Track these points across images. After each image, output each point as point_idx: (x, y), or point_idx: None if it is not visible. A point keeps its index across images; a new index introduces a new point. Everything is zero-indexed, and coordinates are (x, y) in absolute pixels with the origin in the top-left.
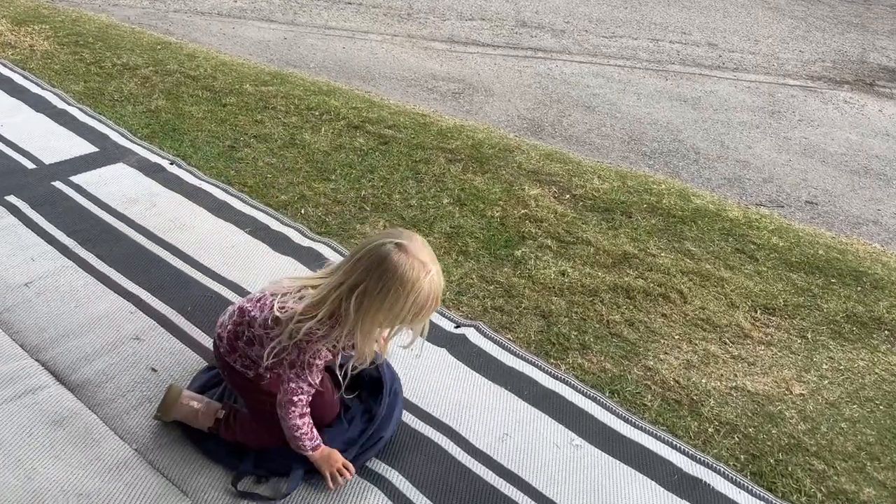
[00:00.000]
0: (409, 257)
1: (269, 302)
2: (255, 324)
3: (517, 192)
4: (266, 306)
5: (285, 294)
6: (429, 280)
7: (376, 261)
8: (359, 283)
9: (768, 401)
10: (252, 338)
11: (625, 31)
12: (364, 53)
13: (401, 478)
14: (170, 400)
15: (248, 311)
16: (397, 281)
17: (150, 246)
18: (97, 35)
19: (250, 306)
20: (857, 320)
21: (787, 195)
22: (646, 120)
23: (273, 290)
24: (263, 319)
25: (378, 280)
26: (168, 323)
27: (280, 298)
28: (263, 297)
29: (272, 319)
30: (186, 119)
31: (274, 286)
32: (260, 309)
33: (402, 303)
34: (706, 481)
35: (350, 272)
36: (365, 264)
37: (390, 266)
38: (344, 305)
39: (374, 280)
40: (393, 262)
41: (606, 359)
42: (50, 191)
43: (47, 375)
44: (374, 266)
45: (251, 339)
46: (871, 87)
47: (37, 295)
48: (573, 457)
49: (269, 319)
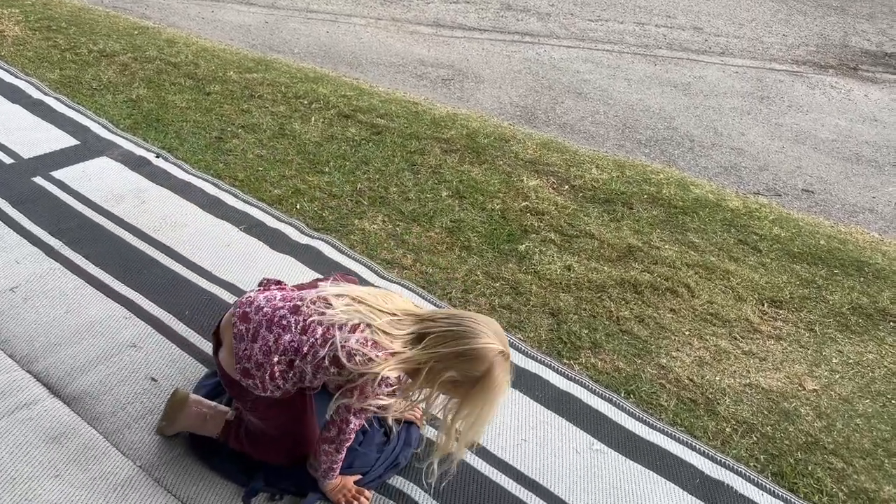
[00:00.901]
0: (504, 370)
1: (321, 336)
2: (306, 360)
3: (516, 183)
4: (318, 342)
5: (342, 326)
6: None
7: (480, 365)
8: (450, 368)
9: (782, 397)
10: (294, 373)
11: (610, 15)
12: (349, 38)
13: (420, 492)
14: (176, 405)
15: (295, 349)
16: (490, 391)
17: (141, 245)
18: (70, 19)
19: (294, 340)
20: (862, 312)
21: (784, 183)
22: (638, 107)
23: (321, 317)
24: (315, 357)
25: (474, 383)
26: (165, 328)
27: (341, 335)
28: (310, 331)
29: (331, 359)
30: (170, 109)
31: (320, 304)
32: (310, 346)
33: (480, 403)
34: (728, 483)
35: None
36: (465, 357)
37: (492, 379)
38: (427, 377)
39: (470, 382)
40: (494, 375)
41: (619, 357)
42: (31, 188)
43: (40, 388)
44: (474, 366)
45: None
46: (854, 71)
47: (24, 300)
48: (594, 462)
49: (320, 351)
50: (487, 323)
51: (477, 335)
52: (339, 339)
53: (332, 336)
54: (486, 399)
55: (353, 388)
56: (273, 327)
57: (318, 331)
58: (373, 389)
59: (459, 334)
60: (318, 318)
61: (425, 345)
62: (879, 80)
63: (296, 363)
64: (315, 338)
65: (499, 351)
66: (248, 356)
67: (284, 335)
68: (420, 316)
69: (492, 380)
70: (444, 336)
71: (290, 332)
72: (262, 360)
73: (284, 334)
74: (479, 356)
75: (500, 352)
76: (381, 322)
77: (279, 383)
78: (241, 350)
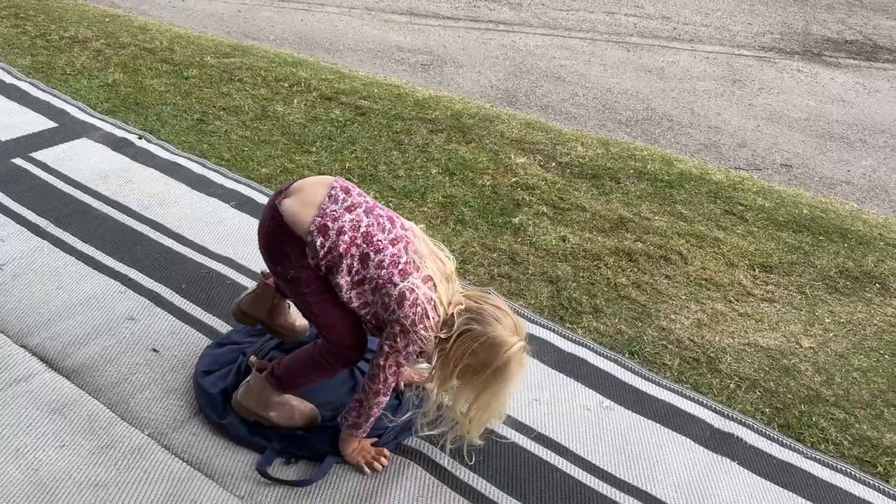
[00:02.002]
0: (521, 363)
1: (403, 264)
2: (379, 272)
3: (504, 160)
4: (399, 265)
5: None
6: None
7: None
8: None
9: (781, 355)
10: (356, 273)
11: (580, 5)
12: (324, 25)
13: (436, 450)
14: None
15: (378, 249)
16: (504, 381)
17: (131, 223)
18: (38, 7)
19: (382, 242)
20: (849, 275)
21: (763, 159)
22: (616, 89)
23: (410, 245)
24: (388, 275)
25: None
26: (163, 301)
27: (414, 278)
28: (398, 246)
29: (398, 293)
30: (148, 93)
31: (411, 234)
32: (392, 261)
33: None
34: (738, 435)
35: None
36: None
37: (509, 371)
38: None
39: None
40: (511, 368)
41: (620, 321)
42: (10, 168)
43: (37, 362)
44: (494, 355)
45: (355, 272)
46: (818, 56)
47: (13, 278)
48: (605, 418)
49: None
50: (510, 311)
51: (500, 322)
52: (413, 280)
53: (411, 272)
54: (496, 389)
55: (401, 334)
56: (370, 215)
57: (404, 257)
58: (417, 344)
59: (486, 320)
60: (407, 244)
61: (458, 324)
62: (843, 64)
63: (370, 263)
64: (400, 259)
65: (518, 344)
66: (336, 218)
67: (376, 231)
68: (463, 293)
69: (507, 371)
70: (474, 319)
71: (383, 232)
72: (346, 230)
73: (377, 231)
74: (499, 345)
75: (519, 345)
76: (444, 296)
77: (338, 262)
78: (329, 209)
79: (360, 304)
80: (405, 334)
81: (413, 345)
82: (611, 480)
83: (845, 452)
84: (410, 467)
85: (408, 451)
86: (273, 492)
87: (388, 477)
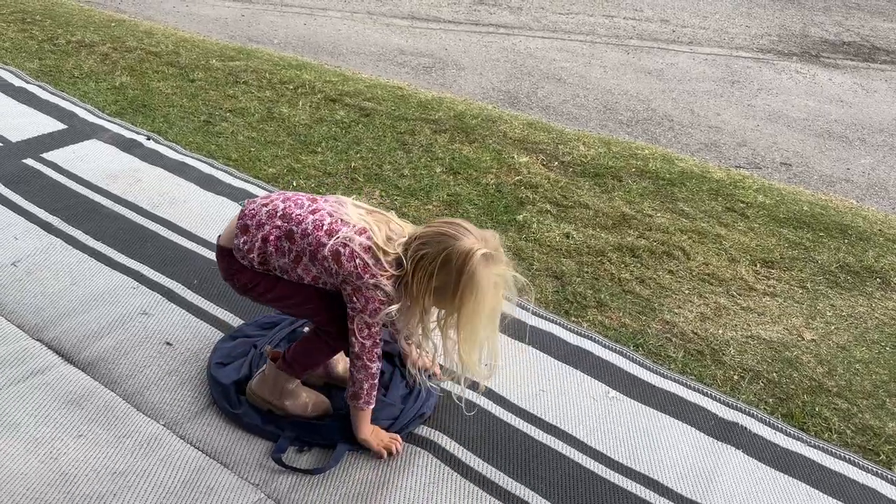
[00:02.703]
0: (486, 269)
1: (328, 225)
2: (307, 240)
3: (507, 160)
4: (323, 227)
5: (349, 226)
6: (503, 288)
7: (463, 269)
8: (437, 276)
9: (784, 347)
10: (289, 251)
11: (579, 9)
12: (327, 30)
13: (446, 438)
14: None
15: (299, 221)
16: (474, 293)
17: (142, 221)
18: (44, 13)
19: (301, 214)
20: (850, 270)
21: (763, 157)
22: (616, 91)
23: (333, 210)
24: (316, 240)
25: (462, 288)
26: (175, 297)
27: (346, 231)
28: (319, 213)
29: (332, 252)
30: (155, 95)
31: (335, 204)
32: (315, 226)
33: (469, 309)
34: (742, 424)
35: (430, 260)
36: (450, 265)
37: (474, 281)
38: (417, 288)
39: (456, 285)
40: (476, 276)
41: (625, 315)
42: (22, 168)
43: (53, 355)
44: (459, 271)
45: (288, 252)
46: (816, 58)
47: (27, 274)
48: (611, 408)
49: (325, 247)
50: (476, 230)
51: (458, 237)
52: (343, 234)
53: (338, 229)
54: (474, 305)
55: (354, 293)
56: (287, 201)
57: (327, 219)
58: (373, 295)
59: (440, 240)
60: (330, 210)
61: (411, 254)
62: (841, 66)
63: (295, 237)
64: (323, 222)
65: (479, 250)
66: (253, 215)
67: (294, 209)
68: (412, 233)
69: (474, 281)
70: (426, 243)
71: (301, 208)
72: (264, 221)
73: (295, 208)
74: (457, 256)
75: (480, 252)
76: (381, 237)
77: (270, 250)
78: (247, 209)
79: (312, 279)
80: (357, 291)
81: (371, 301)
82: (617, 468)
83: (848, 441)
84: (421, 455)
85: (418, 440)
86: (287, 479)
87: (398, 465)
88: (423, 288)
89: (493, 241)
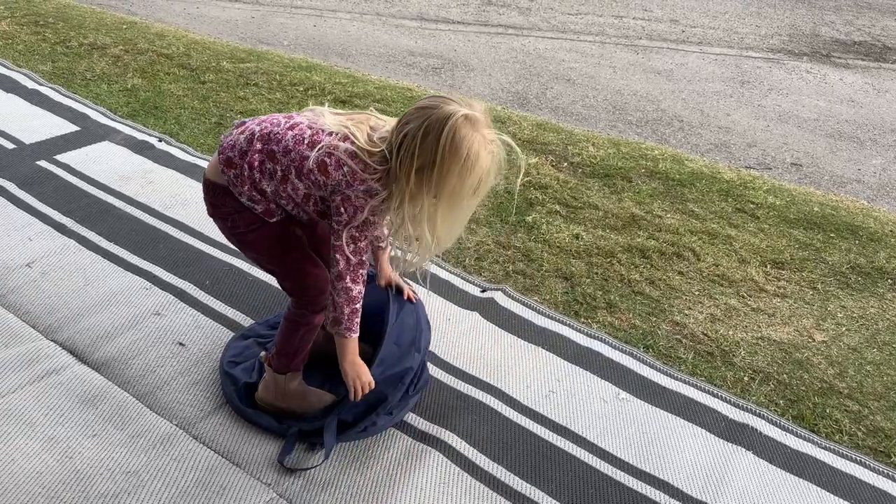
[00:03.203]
0: (475, 132)
1: (309, 137)
2: (290, 156)
3: (516, 161)
4: (304, 141)
5: (331, 134)
6: (489, 154)
7: (443, 132)
8: (418, 152)
9: (794, 349)
10: (275, 172)
11: (588, 9)
12: (336, 31)
13: (457, 438)
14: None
15: (278, 139)
16: (463, 157)
17: (154, 222)
18: (56, 15)
19: (280, 132)
20: (860, 271)
21: (773, 158)
22: (625, 91)
23: (312, 122)
24: (299, 155)
25: (442, 153)
26: (187, 297)
27: (328, 141)
28: (298, 128)
29: (318, 163)
30: (167, 97)
31: (313, 116)
32: (296, 141)
33: (460, 177)
34: (752, 426)
35: (412, 137)
36: (431, 134)
37: (458, 141)
38: (401, 171)
39: (437, 153)
40: (461, 136)
41: (634, 316)
42: (35, 170)
43: (67, 355)
44: (439, 137)
45: (274, 172)
46: (827, 58)
47: (41, 275)
48: (621, 409)
49: (309, 160)
50: (462, 98)
51: (439, 107)
52: (326, 143)
53: (320, 139)
54: (458, 175)
55: (343, 203)
56: (263, 122)
57: (308, 132)
58: (363, 203)
59: (421, 114)
60: (308, 123)
61: (394, 139)
62: (852, 65)
63: (277, 156)
64: (303, 135)
65: (461, 112)
66: (233, 145)
67: (271, 128)
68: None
69: (454, 144)
70: (408, 122)
71: (279, 126)
72: (245, 148)
73: (272, 127)
74: (437, 123)
75: (462, 113)
76: (363, 139)
77: (257, 176)
78: (226, 140)
79: (303, 199)
80: (347, 200)
81: (359, 210)
82: (628, 469)
83: (859, 443)
84: (431, 455)
85: (428, 439)
86: (299, 479)
87: (409, 464)
88: (407, 169)
89: (478, 106)
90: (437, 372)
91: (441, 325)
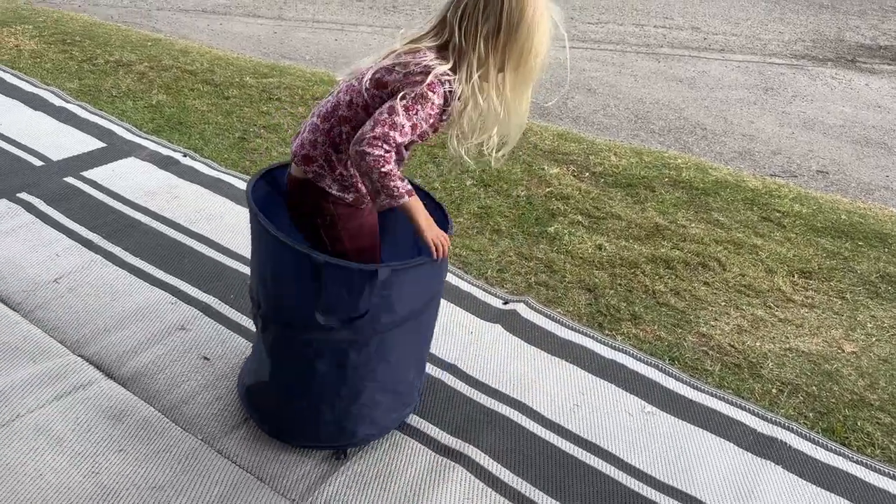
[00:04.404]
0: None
1: (357, 77)
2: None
3: (538, 171)
4: (353, 84)
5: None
6: (547, 11)
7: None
8: (482, 18)
9: (823, 360)
10: (342, 133)
11: (609, 18)
12: (357, 45)
13: (480, 453)
14: None
15: (333, 106)
16: (530, 15)
17: (179, 237)
18: (83, 33)
19: (328, 101)
20: (890, 280)
21: (798, 166)
22: (647, 100)
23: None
24: (354, 92)
25: (510, 11)
26: (213, 312)
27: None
28: (344, 84)
29: (373, 83)
30: (191, 112)
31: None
32: (345, 90)
33: (528, 35)
34: (781, 439)
35: (472, 6)
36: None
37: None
38: (467, 42)
39: (502, 13)
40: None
41: (660, 328)
42: (63, 186)
43: (94, 370)
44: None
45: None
46: (852, 63)
47: (69, 290)
48: (647, 423)
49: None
50: None
51: None
52: (374, 67)
53: (364, 73)
54: (527, 32)
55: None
56: (313, 110)
57: (354, 83)
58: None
59: None
60: (349, 79)
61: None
62: (878, 70)
63: (337, 114)
64: (350, 83)
65: None
66: (302, 144)
67: (323, 106)
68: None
69: (520, 3)
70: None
71: (326, 104)
72: (314, 139)
73: (323, 106)
74: None
75: None
76: (404, 42)
77: (330, 152)
78: (293, 146)
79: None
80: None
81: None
82: (654, 484)
83: (892, 457)
84: (455, 470)
85: (452, 454)
86: (322, 495)
87: (433, 479)
88: (473, 35)
89: None
90: (460, 385)
91: (463, 338)
